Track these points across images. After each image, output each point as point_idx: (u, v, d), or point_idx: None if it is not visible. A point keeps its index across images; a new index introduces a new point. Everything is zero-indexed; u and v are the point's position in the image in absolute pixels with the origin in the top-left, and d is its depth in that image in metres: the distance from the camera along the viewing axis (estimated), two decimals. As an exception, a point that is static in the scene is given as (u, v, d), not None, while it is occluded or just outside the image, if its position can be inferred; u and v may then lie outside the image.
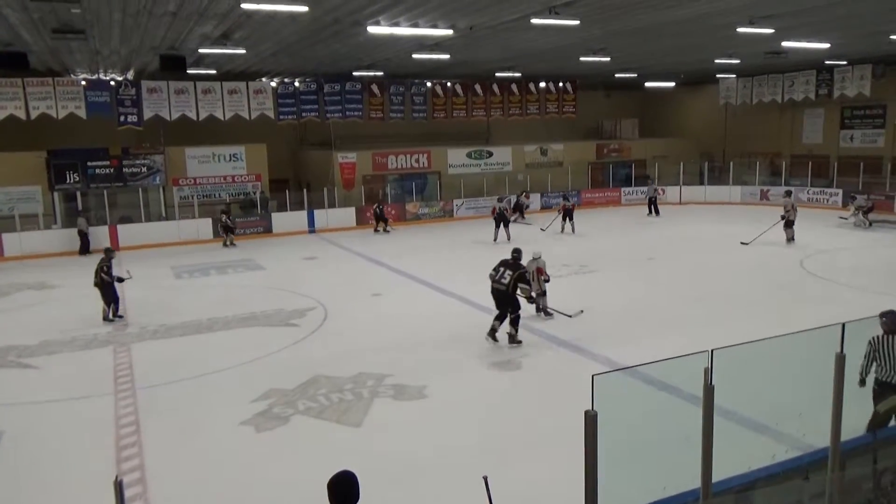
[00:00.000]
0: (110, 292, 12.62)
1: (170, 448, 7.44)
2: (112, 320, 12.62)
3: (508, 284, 10.35)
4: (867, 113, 26.65)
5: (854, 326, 5.19)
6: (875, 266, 15.43)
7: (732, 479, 4.27)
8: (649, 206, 25.31)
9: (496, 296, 10.55)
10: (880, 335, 6.01)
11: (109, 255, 12.86)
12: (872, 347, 5.98)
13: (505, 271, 10.50)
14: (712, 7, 12.94)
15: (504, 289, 10.38)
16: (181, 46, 15.60)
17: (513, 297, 10.42)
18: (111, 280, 12.53)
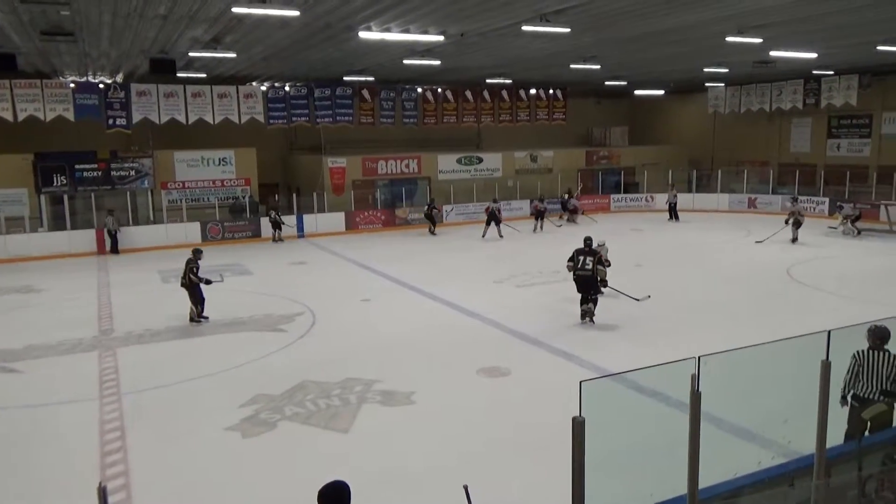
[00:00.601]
0: (197, 293, 12.65)
1: (155, 454, 7.37)
2: (198, 321, 12.61)
3: (592, 269, 11.56)
4: (853, 122, 26.92)
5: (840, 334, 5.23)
6: (862, 274, 15.56)
7: (719, 485, 4.28)
8: (670, 211, 25.81)
9: (580, 281, 11.72)
10: (864, 350, 5.79)
11: (197, 256, 12.80)
12: (856, 362, 5.78)
13: (586, 259, 11.67)
14: (701, 16, 13.05)
15: (589, 274, 11.58)
16: (171, 50, 15.55)
17: (595, 280, 11.64)
18: (199, 281, 12.56)
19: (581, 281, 11.73)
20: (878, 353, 5.72)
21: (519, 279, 15.75)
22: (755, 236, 21.13)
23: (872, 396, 5.64)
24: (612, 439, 4.05)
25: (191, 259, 12.64)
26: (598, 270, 11.68)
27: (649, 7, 12.17)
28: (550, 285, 15.17)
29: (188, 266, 12.51)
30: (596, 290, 11.82)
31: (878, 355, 5.72)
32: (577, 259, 11.76)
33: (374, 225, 25.21)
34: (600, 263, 11.72)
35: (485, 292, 14.64)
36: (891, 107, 25.37)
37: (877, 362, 5.71)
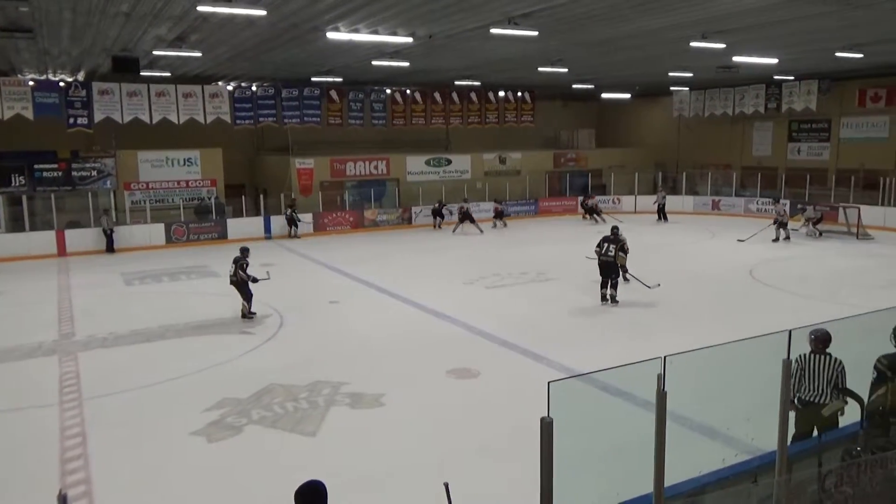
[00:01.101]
0: (247, 290, 12.84)
1: (117, 460, 7.22)
2: (250, 317, 12.77)
3: (614, 256, 13.00)
4: (813, 127, 27.59)
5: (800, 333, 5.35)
6: (822, 275, 15.95)
7: (684, 483, 4.35)
8: (658, 212, 26.22)
9: (603, 266, 13.18)
10: (807, 353, 5.74)
11: (245, 255, 13.03)
12: (799, 366, 5.69)
13: (609, 246, 13.09)
14: (666, 22, 13.25)
15: (611, 260, 13.05)
16: (135, 48, 15.26)
17: (616, 266, 13.06)
18: (248, 279, 12.79)
19: (604, 266, 13.17)
20: (819, 357, 5.69)
21: (489, 280, 15.80)
22: (719, 238, 21.55)
23: (817, 399, 5.62)
24: (581, 439, 4.09)
25: (239, 257, 12.89)
26: (619, 257, 13.04)
27: (615, 12, 12.32)
28: (520, 286, 15.25)
29: (238, 264, 12.76)
30: (616, 274, 13.17)
31: (820, 359, 5.69)
32: (602, 245, 13.22)
33: (343, 226, 25.07)
34: (622, 251, 13.08)
35: (454, 293, 14.65)
36: (849, 112, 26.07)
37: (819, 366, 5.68)
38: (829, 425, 5.55)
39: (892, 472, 4.49)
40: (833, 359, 5.66)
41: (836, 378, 5.62)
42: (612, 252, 13.01)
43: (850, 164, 25.86)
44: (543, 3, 11.33)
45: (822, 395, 5.61)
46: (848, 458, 4.62)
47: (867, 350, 5.60)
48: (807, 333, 5.69)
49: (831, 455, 4.95)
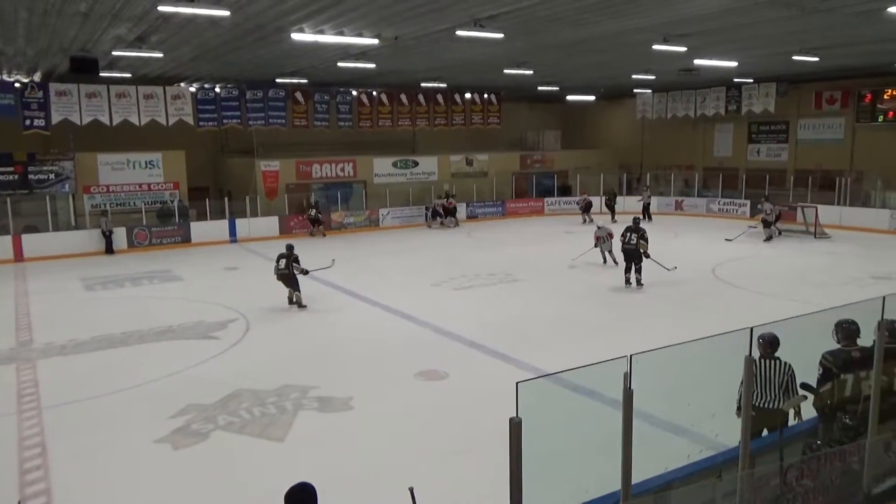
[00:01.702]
0: (296, 282, 13.75)
1: (79, 470, 7.05)
2: (305, 306, 13.67)
3: (636, 244, 14.43)
4: (772, 128, 28.25)
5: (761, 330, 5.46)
6: (782, 273, 16.31)
7: (651, 480, 4.41)
8: (643, 211, 26.46)
9: (627, 253, 14.65)
10: (756, 359, 5.55)
11: (292, 249, 13.89)
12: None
13: (632, 235, 14.53)
14: (629, 25, 13.44)
15: (633, 247, 14.49)
16: (94, 48, 14.93)
17: (639, 253, 14.44)
18: (303, 272, 13.79)
19: (627, 253, 14.66)
20: (769, 362, 5.67)
21: (457, 282, 15.83)
22: (682, 238, 21.90)
23: (769, 405, 5.59)
24: (550, 438, 4.11)
25: (288, 253, 13.71)
26: (641, 244, 14.47)
27: (579, 15, 12.45)
28: (488, 288, 15.31)
29: (289, 259, 13.61)
30: (640, 260, 14.60)
31: (770, 363, 5.67)
32: (625, 235, 14.65)
33: (309, 229, 24.85)
34: (643, 238, 14.52)
35: (422, 295, 14.65)
36: (806, 114, 26.75)
37: (769, 371, 5.65)
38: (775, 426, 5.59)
39: (850, 465, 4.62)
40: (782, 363, 5.68)
41: (786, 382, 5.64)
42: (633, 240, 14.41)
43: (807, 164, 26.55)
44: (509, 5, 11.40)
45: (774, 400, 5.59)
46: (808, 451, 4.74)
47: (825, 346, 5.75)
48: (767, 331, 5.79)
49: (792, 449, 5.07)
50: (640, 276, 14.67)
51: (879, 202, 23.63)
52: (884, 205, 23.37)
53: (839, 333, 5.50)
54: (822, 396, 5.35)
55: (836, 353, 5.42)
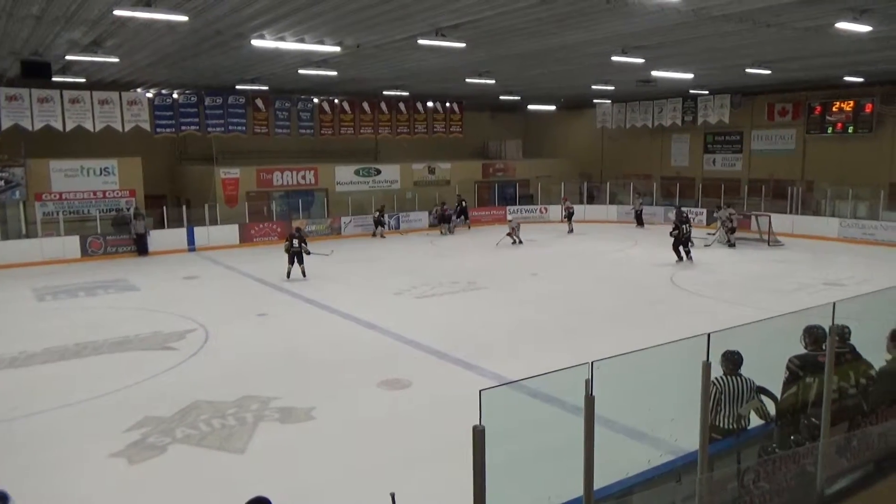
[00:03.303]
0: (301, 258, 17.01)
1: (31, 486, 6.80)
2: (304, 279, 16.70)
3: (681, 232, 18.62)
4: (727, 139, 28.97)
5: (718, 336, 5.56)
6: (737, 280, 16.70)
7: (613, 485, 4.44)
8: (637, 218, 27.02)
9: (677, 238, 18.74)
10: (721, 376, 5.52)
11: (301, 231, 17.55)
12: (717, 390, 5.43)
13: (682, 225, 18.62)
14: (588, 37, 13.67)
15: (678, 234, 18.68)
16: (46, 52, 14.55)
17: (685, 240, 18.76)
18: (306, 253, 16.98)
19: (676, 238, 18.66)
20: (734, 379, 5.59)
21: (419, 290, 15.81)
22: (641, 246, 22.26)
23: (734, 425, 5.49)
24: (513, 445, 4.13)
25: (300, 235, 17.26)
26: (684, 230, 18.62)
27: (540, 26, 12.62)
28: (451, 296, 15.32)
29: (300, 238, 17.19)
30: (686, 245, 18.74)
31: (734, 380, 5.58)
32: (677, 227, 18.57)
33: (270, 237, 24.55)
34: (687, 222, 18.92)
35: (384, 304, 14.59)
36: (759, 125, 27.51)
37: (735, 389, 5.55)
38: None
39: (804, 467, 4.74)
40: (745, 379, 5.63)
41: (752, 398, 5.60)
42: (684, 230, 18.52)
43: (760, 174, 27.28)
44: (470, 15, 11.49)
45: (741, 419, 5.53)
46: (764, 454, 4.83)
47: (779, 351, 5.88)
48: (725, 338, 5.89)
49: (749, 453, 5.17)
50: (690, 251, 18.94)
51: (829, 211, 24.40)
52: (833, 213, 24.14)
53: (807, 338, 5.59)
54: (785, 399, 5.46)
55: (804, 357, 5.52)
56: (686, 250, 19.00)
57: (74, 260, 20.94)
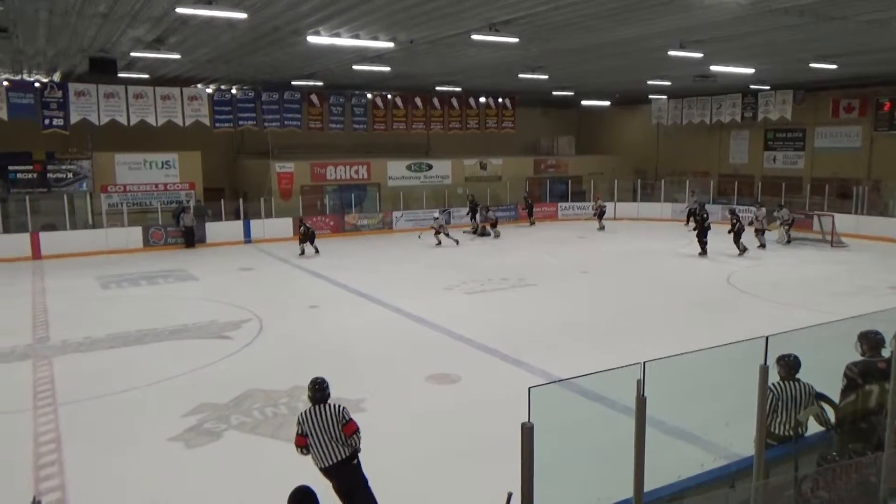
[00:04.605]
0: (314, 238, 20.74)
1: (93, 466, 7.11)
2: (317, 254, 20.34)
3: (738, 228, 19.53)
4: (788, 136, 28.05)
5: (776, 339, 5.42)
6: (797, 282, 16.18)
7: (663, 488, 4.38)
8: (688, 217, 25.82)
9: (737, 232, 19.44)
10: (777, 382, 5.33)
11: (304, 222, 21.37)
12: (774, 396, 5.24)
13: (737, 223, 19.47)
14: (644, 31, 13.41)
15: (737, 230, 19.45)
16: (112, 49, 15.09)
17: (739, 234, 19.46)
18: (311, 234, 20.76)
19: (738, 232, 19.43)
20: (792, 384, 5.39)
21: (469, 286, 15.83)
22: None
23: (791, 432, 5.29)
24: (561, 444, 4.10)
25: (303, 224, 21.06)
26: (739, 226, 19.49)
27: (595, 20, 12.44)
28: (501, 292, 15.29)
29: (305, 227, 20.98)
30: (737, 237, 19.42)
31: (791, 385, 5.39)
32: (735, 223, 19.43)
33: (323, 231, 24.94)
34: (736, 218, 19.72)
35: (435, 299, 14.66)
36: (823, 121, 26.54)
37: (791, 392, 5.35)
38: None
39: (867, 477, 4.58)
40: (803, 385, 5.42)
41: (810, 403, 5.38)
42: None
43: (824, 173, 26.33)
44: (523, 10, 11.41)
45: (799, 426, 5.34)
46: (824, 462, 4.69)
47: (841, 357, 5.69)
48: (785, 340, 5.72)
49: (806, 460, 5.03)
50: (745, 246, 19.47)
51: (897, 211, 23.41)
52: (901, 213, 23.15)
53: (864, 344, 5.38)
54: (843, 408, 5.28)
55: (861, 364, 5.31)
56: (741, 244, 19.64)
57: (137, 250, 21.70)
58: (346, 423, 5.37)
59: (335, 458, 5.33)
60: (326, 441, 5.30)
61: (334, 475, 5.36)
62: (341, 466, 5.36)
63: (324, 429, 5.31)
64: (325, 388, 5.47)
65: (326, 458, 5.32)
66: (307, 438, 5.33)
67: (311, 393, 5.44)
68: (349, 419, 5.41)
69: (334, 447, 5.33)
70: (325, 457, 5.32)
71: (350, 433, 5.38)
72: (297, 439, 5.43)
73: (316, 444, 5.31)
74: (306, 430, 5.33)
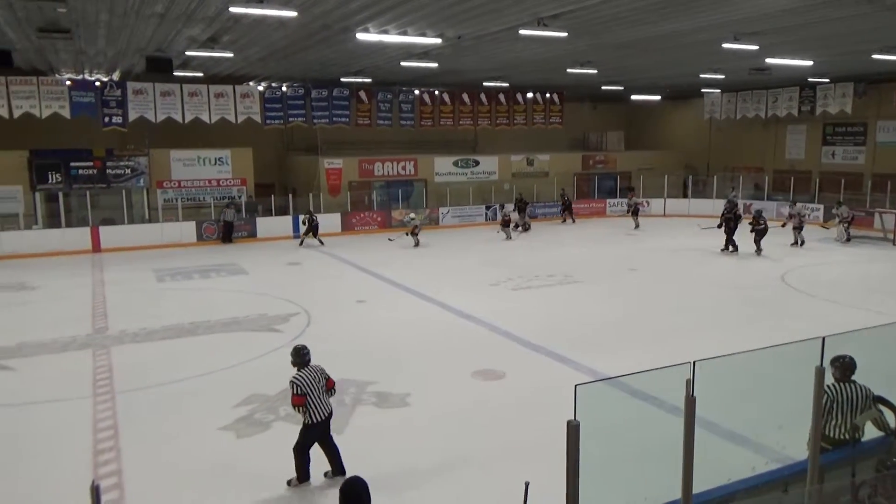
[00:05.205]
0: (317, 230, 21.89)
1: (148, 453, 7.35)
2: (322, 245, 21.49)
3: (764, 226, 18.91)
4: (848, 130, 27.05)
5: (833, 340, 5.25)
6: (855, 281, 15.62)
7: (712, 490, 4.29)
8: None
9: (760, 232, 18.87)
10: (832, 384, 5.16)
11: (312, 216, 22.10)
12: (830, 398, 5.08)
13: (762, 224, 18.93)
14: (698, 23, 13.11)
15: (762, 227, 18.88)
16: (168, 48, 15.53)
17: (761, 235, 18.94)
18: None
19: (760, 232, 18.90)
20: (848, 386, 5.21)
21: (515, 282, 15.77)
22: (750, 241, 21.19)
23: (847, 435, 5.12)
24: (607, 443, 4.07)
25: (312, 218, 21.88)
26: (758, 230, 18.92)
27: (645, 13, 12.22)
28: (547, 289, 15.19)
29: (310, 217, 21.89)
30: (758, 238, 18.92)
31: (847, 387, 5.20)
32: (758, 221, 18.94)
33: (370, 226, 25.20)
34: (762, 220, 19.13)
35: (480, 295, 14.64)
36: (886, 115, 25.50)
37: (850, 396, 5.17)
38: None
39: (928, 485, 4.40)
40: (860, 387, 5.22)
41: (867, 407, 5.18)
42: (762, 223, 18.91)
43: (886, 168, 25.31)
44: (572, 4, 11.29)
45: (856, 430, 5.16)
46: (883, 469, 4.53)
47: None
48: (842, 341, 5.54)
49: (865, 466, 4.86)
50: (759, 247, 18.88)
51: (965, 209, 22.35)
52: (970, 212, 22.09)
53: None
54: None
55: None
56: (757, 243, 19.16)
57: (190, 244, 22.28)
58: (328, 378, 6.46)
59: (329, 409, 6.46)
60: (319, 395, 6.34)
61: (325, 425, 6.46)
62: (330, 416, 6.48)
63: (317, 385, 6.33)
64: (308, 352, 6.47)
65: (324, 410, 6.39)
66: (306, 398, 6.23)
67: (300, 358, 6.39)
68: (328, 375, 6.49)
69: (326, 400, 6.43)
70: (323, 409, 6.38)
71: (332, 386, 6.49)
72: (296, 399, 6.27)
73: (315, 400, 6.29)
74: (306, 390, 6.23)
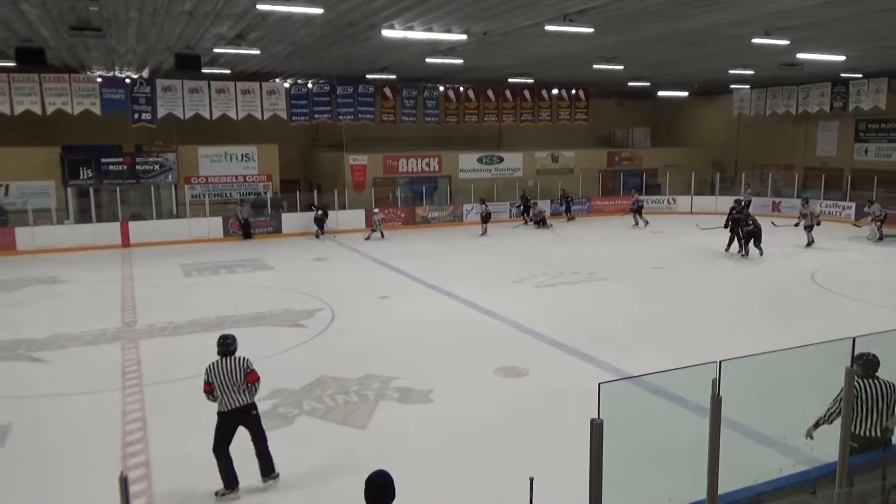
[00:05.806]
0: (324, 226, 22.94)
1: (175, 445, 7.47)
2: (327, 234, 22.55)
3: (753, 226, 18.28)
4: (882, 127, 26.45)
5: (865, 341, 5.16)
6: (887, 280, 15.31)
7: (738, 491, 4.24)
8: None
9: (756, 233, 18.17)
10: (857, 380, 5.09)
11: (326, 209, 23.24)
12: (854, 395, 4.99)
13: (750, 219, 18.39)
14: (727, 18, 12.91)
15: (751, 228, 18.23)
16: (196, 46, 15.71)
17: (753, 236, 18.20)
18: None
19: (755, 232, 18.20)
20: (871, 382, 5.17)
21: (538, 279, 15.71)
22: (778, 240, 20.89)
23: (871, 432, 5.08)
24: (631, 442, 4.03)
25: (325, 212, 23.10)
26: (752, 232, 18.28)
27: (673, 8, 12.07)
28: (571, 286, 15.11)
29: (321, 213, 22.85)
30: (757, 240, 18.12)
31: (871, 384, 5.17)
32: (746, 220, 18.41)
33: (395, 223, 25.27)
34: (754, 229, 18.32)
35: (504, 292, 14.62)
36: (921, 111, 24.91)
37: (876, 392, 5.14)
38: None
39: (962, 489, 4.30)
40: (885, 383, 5.17)
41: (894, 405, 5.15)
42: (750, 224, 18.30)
43: (922, 165, 24.74)
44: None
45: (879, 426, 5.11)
46: (914, 472, 4.44)
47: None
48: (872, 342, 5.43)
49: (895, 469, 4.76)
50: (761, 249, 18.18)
51: None
52: None
53: None
54: None
55: None
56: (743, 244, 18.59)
57: (217, 239, 22.55)
58: (249, 372, 6.40)
59: (243, 401, 6.38)
60: (229, 388, 6.32)
61: (237, 419, 6.41)
62: (245, 411, 6.42)
63: (228, 377, 6.33)
64: (229, 343, 6.54)
65: (234, 402, 6.35)
66: (212, 386, 6.33)
67: (219, 347, 6.49)
68: (252, 369, 6.44)
69: (237, 394, 6.35)
70: (233, 400, 6.35)
71: (252, 381, 6.41)
72: (204, 386, 6.40)
73: (224, 390, 6.33)
74: (212, 379, 6.33)
